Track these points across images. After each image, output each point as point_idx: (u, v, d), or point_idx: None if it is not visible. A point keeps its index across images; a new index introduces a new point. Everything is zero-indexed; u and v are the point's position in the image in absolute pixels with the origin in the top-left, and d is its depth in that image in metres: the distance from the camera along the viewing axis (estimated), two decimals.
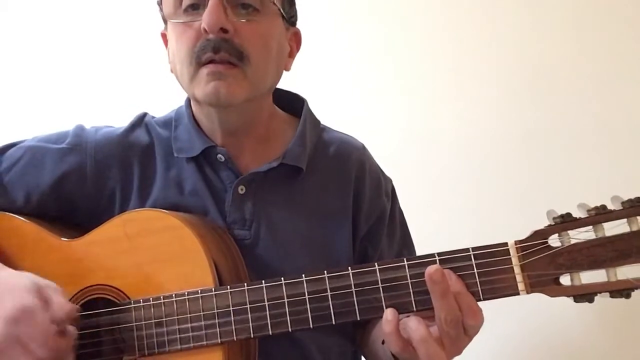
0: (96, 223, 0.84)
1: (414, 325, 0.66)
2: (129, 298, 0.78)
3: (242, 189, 0.87)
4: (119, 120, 0.97)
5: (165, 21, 0.88)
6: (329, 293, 0.70)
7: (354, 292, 0.69)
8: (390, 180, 1.01)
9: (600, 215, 0.64)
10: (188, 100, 0.94)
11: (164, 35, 0.91)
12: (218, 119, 0.87)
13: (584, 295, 0.63)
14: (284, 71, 0.91)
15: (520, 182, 1.35)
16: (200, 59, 0.80)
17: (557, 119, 1.34)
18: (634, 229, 0.63)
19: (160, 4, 0.87)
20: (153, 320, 0.76)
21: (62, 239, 0.84)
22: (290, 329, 0.71)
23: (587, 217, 0.64)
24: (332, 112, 1.13)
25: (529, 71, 1.38)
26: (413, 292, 0.68)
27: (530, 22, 1.39)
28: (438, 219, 1.38)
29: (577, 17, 1.36)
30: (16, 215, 0.86)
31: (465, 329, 0.66)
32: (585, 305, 0.66)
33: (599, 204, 0.64)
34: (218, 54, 0.79)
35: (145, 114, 0.98)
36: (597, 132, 1.31)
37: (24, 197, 0.87)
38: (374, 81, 1.51)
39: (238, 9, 0.81)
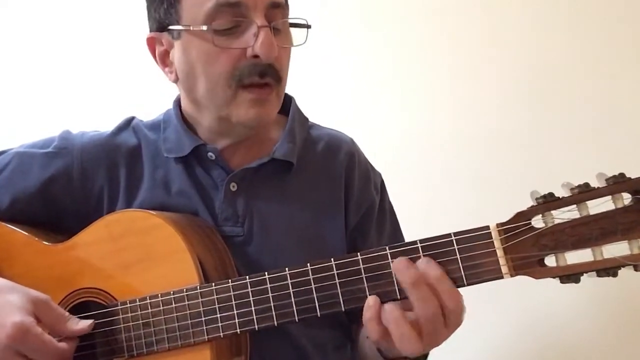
0: (84, 226, 0.83)
1: (388, 307, 0.66)
2: (116, 300, 0.78)
3: (233, 186, 0.87)
4: (111, 122, 0.96)
5: (163, 28, 0.83)
6: (312, 285, 0.69)
7: (337, 283, 0.68)
8: (380, 175, 1.01)
9: (583, 193, 0.61)
10: (176, 102, 0.94)
11: (150, 40, 0.87)
12: (230, 130, 0.86)
13: (570, 275, 0.61)
14: None
15: (518, 181, 1.32)
16: (242, 82, 0.80)
17: (556, 119, 1.32)
18: (619, 206, 0.60)
19: (168, 8, 0.82)
20: (140, 321, 0.76)
21: (48, 243, 0.84)
22: (275, 323, 0.70)
23: (570, 196, 0.62)
24: (330, 113, 1.12)
25: (528, 71, 1.36)
26: (396, 280, 0.66)
27: (530, 22, 1.37)
28: (435, 218, 1.37)
29: (577, 17, 1.34)
30: (2, 223, 0.87)
31: (444, 316, 0.64)
32: (572, 288, 0.65)
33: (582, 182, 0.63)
34: (264, 78, 0.80)
35: (132, 118, 0.97)
36: (596, 134, 1.29)
37: (9, 201, 0.88)
38: (373, 81, 1.50)
39: (278, 32, 0.82)
